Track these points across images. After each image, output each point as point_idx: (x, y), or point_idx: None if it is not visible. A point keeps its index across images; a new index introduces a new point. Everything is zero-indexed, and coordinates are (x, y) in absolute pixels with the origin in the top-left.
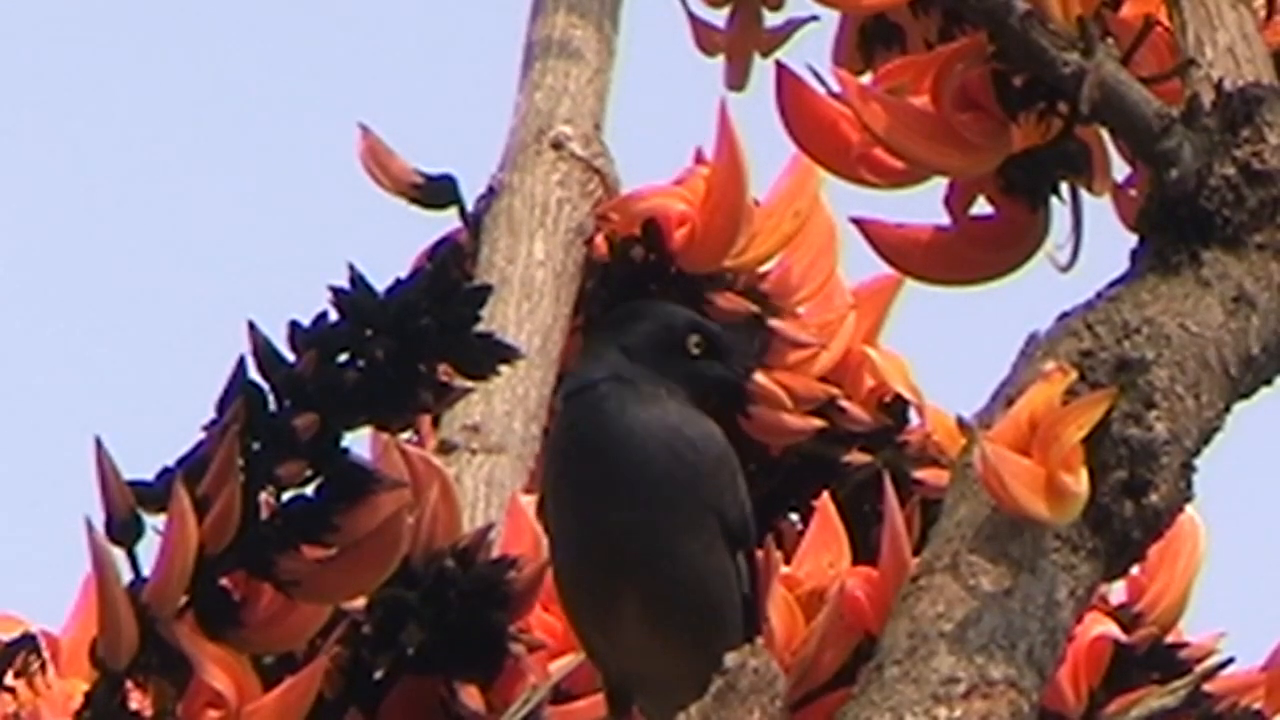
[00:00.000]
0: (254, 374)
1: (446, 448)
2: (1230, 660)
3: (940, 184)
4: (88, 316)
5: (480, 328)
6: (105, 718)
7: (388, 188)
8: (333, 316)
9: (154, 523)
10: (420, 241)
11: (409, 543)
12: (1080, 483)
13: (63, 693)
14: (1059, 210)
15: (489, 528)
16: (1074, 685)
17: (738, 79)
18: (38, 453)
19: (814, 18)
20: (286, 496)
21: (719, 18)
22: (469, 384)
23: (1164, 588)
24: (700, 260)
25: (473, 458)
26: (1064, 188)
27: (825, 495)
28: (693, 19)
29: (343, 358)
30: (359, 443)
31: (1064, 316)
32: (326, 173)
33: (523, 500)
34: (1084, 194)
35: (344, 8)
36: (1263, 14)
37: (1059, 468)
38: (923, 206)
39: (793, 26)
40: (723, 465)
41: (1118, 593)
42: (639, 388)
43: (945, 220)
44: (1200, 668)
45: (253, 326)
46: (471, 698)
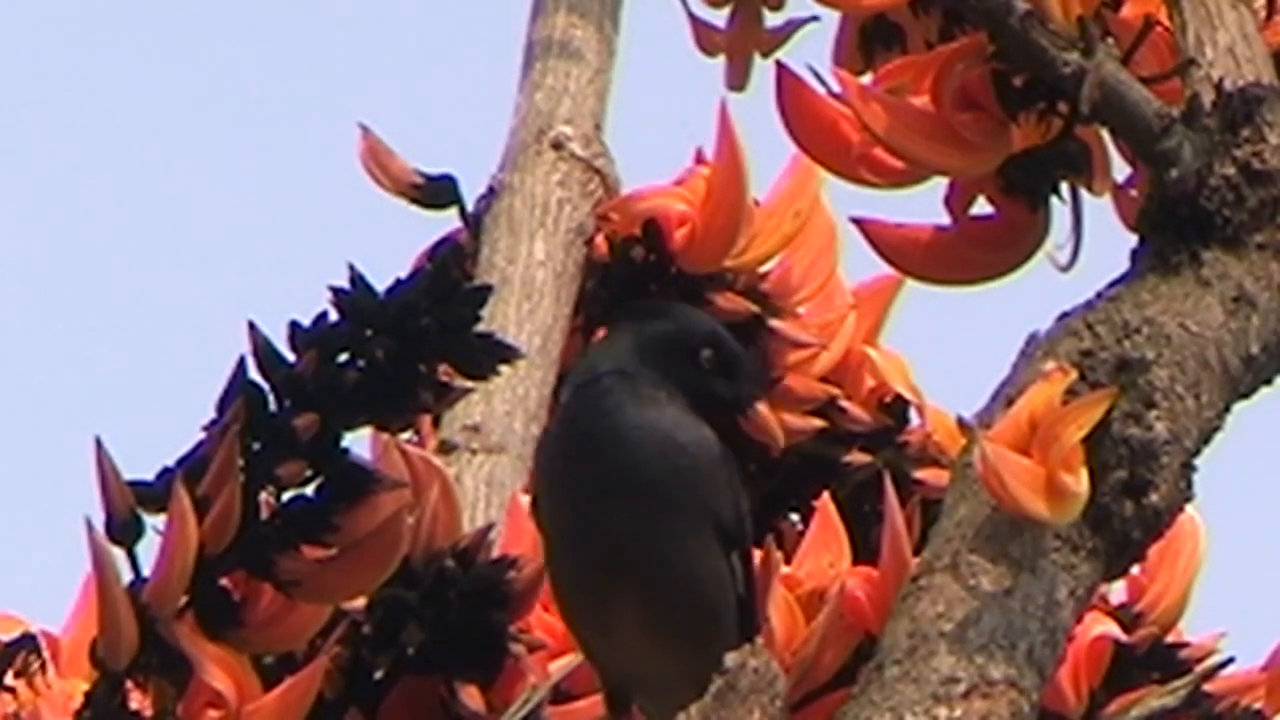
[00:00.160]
0: (254, 374)
1: (446, 448)
2: (1230, 660)
3: (940, 184)
4: (88, 316)
5: (480, 328)
6: (105, 718)
7: (388, 188)
8: (333, 316)
9: (154, 523)
10: (420, 242)
11: (409, 543)
12: (1080, 482)
13: (63, 693)
14: (1059, 210)
15: (489, 528)
16: (1074, 685)
17: (738, 79)
18: (38, 453)
19: (814, 18)
20: (286, 496)
21: (719, 18)
22: (469, 384)
23: (1164, 588)
24: (700, 260)
25: (473, 458)
26: (1064, 188)
27: (825, 495)
28: (693, 19)
29: (343, 358)
30: (359, 443)
31: (1064, 316)
32: (326, 173)
33: (523, 500)
34: (1084, 194)
35: (344, 8)
36: (1263, 14)
37: (1059, 467)
38: (923, 206)
39: (793, 26)
40: (717, 468)
41: (1118, 593)
42: (640, 388)
43: (945, 220)
44: (1200, 668)
45: (253, 326)
46: (471, 698)
